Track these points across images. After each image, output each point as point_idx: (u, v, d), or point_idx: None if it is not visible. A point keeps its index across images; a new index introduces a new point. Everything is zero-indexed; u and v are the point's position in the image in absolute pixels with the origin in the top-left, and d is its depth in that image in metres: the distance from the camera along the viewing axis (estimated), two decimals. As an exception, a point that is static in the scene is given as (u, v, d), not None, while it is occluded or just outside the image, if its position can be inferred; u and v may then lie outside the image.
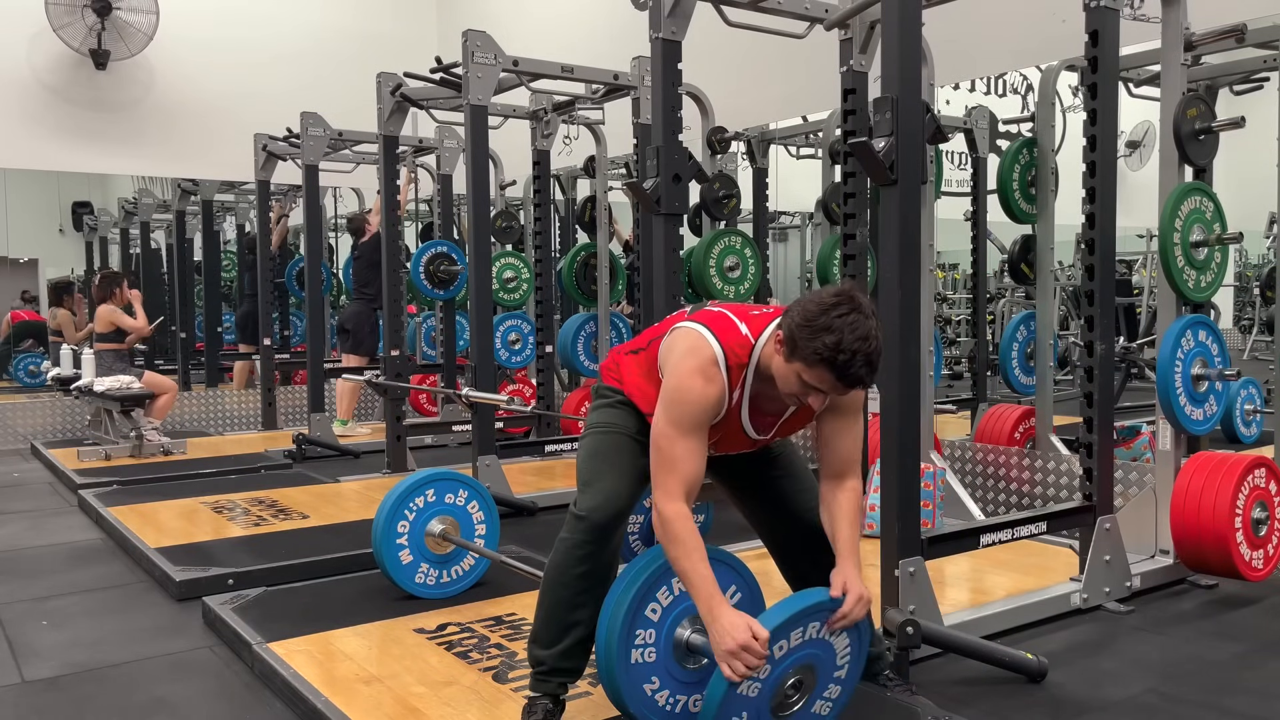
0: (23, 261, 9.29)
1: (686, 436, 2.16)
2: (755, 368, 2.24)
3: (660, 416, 2.19)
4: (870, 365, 2.09)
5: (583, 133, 6.73)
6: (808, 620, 2.17)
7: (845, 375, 2.08)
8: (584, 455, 2.44)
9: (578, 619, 2.34)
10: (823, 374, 2.08)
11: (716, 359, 2.19)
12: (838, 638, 2.23)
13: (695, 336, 2.23)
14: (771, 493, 2.50)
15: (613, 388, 2.49)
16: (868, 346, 2.07)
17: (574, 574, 2.32)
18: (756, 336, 2.23)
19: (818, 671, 2.24)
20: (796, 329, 2.09)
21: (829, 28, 3.98)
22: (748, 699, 2.13)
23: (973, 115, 6.02)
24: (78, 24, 8.03)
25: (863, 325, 2.07)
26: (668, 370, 2.25)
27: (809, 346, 2.07)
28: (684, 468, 2.15)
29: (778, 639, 2.12)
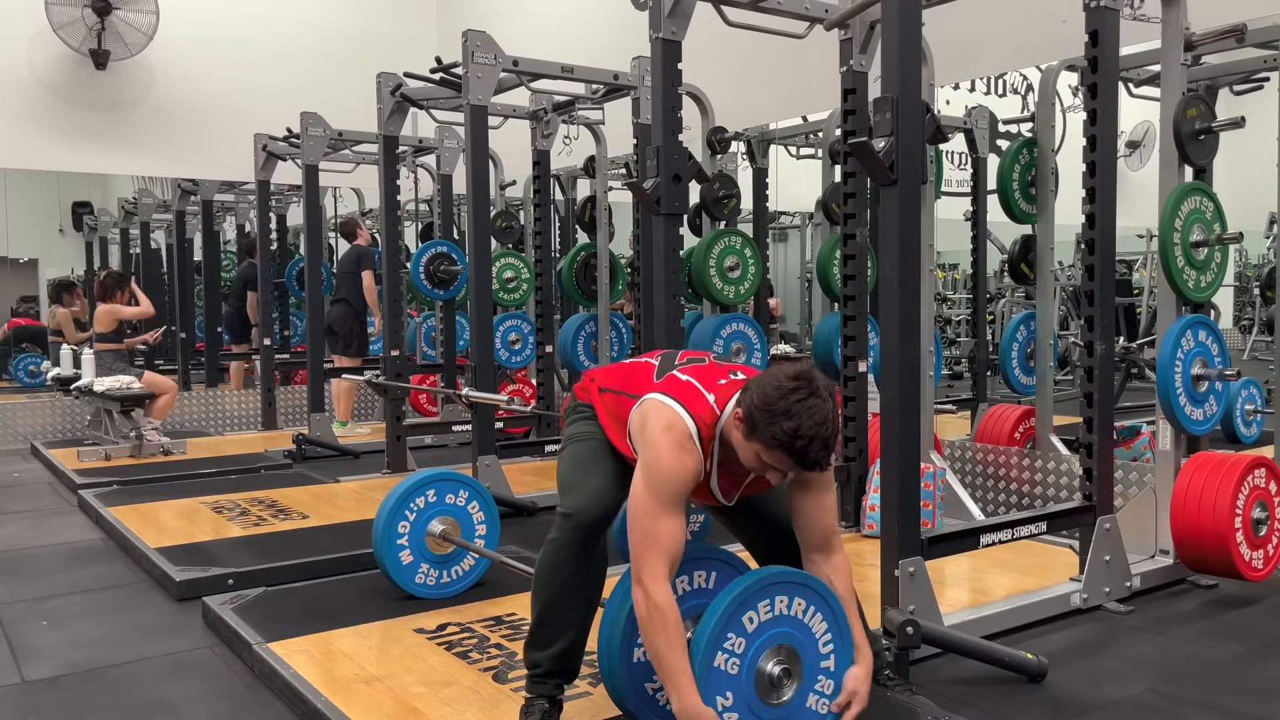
0: (23, 261, 9.29)
1: (668, 511, 2.15)
2: (719, 439, 2.25)
3: (641, 490, 2.18)
4: (827, 448, 2.12)
5: (583, 133, 6.73)
6: (774, 593, 2.17)
7: (803, 460, 2.11)
8: (567, 463, 2.45)
9: (570, 620, 2.34)
10: (781, 457, 2.11)
11: (691, 433, 2.20)
12: (814, 620, 2.23)
13: (669, 412, 2.22)
14: (747, 505, 2.48)
15: (588, 404, 2.51)
16: (824, 431, 2.10)
17: (566, 573, 2.32)
18: (721, 408, 2.24)
19: (802, 657, 2.21)
20: (756, 411, 2.11)
21: (829, 28, 3.98)
22: (730, 675, 2.12)
23: (973, 115, 6.02)
24: (78, 24, 8.02)
25: (820, 410, 2.09)
26: (645, 444, 2.24)
27: (767, 431, 2.10)
28: (668, 544, 2.14)
29: (745, 610, 2.12)
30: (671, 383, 2.32)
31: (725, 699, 2.12)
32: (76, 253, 9.40)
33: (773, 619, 2.17)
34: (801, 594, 2.21)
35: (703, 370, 2.36)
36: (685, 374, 2.34)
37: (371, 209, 9.68)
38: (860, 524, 4.26)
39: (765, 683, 2.16)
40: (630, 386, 2.42)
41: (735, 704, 2.13)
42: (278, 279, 8.48)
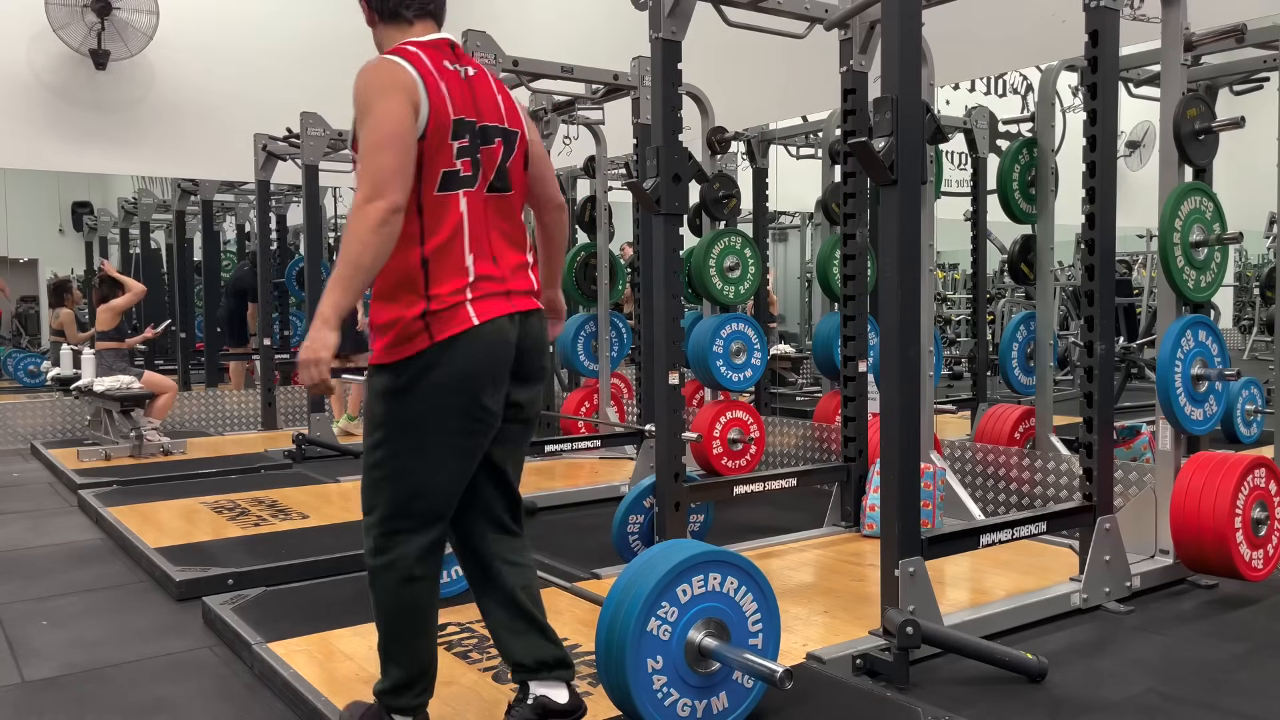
0: (23, 261, 9.29)
1: None
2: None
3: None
4: None
5: (583, 133, 6.73)
6: (709, 570, 2.31)
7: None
8: None
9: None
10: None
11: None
12: (744, 599, 2.36)
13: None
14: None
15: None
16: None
17: None
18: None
19: (731, 632, 2.34)
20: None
21: (829, 28, 3.98)
22: (661, 641, 2.25)
23: (973, 115, 6.02)
24: (78, 24, 8.02)
25: None
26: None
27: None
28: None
29: (680, 583, 2.26)
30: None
31: (655, 662, 2.26)
32: (76, 253, 9.40)
33: (705, 594, 2.32)
34: (734, 574, 2.37)
35: None
36: None
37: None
38: (860, 524, 4.26)
39: (694, 652, 2.30)
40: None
41: (664, 668, 2.27)
42: (278, 279, 8.47)
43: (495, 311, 2.20)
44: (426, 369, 2.15)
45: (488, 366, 2.19)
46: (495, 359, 2.21)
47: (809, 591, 3.49)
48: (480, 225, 2.23)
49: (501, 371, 2.22)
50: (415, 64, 2.17)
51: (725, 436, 5.28)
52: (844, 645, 2.84)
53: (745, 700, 2.39)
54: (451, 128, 2.18)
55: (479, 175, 2.23)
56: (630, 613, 2.23)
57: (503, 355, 2.22)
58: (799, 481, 4.24)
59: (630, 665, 2.22)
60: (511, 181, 2.30)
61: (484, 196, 2.24)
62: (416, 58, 2.19)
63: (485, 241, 2.23)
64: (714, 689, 2.34)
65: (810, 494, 4.69)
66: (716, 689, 2.34)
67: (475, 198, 2.22)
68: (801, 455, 5.81)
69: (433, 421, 2.17)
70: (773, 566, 3.81)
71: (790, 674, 2.23)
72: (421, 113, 2.14)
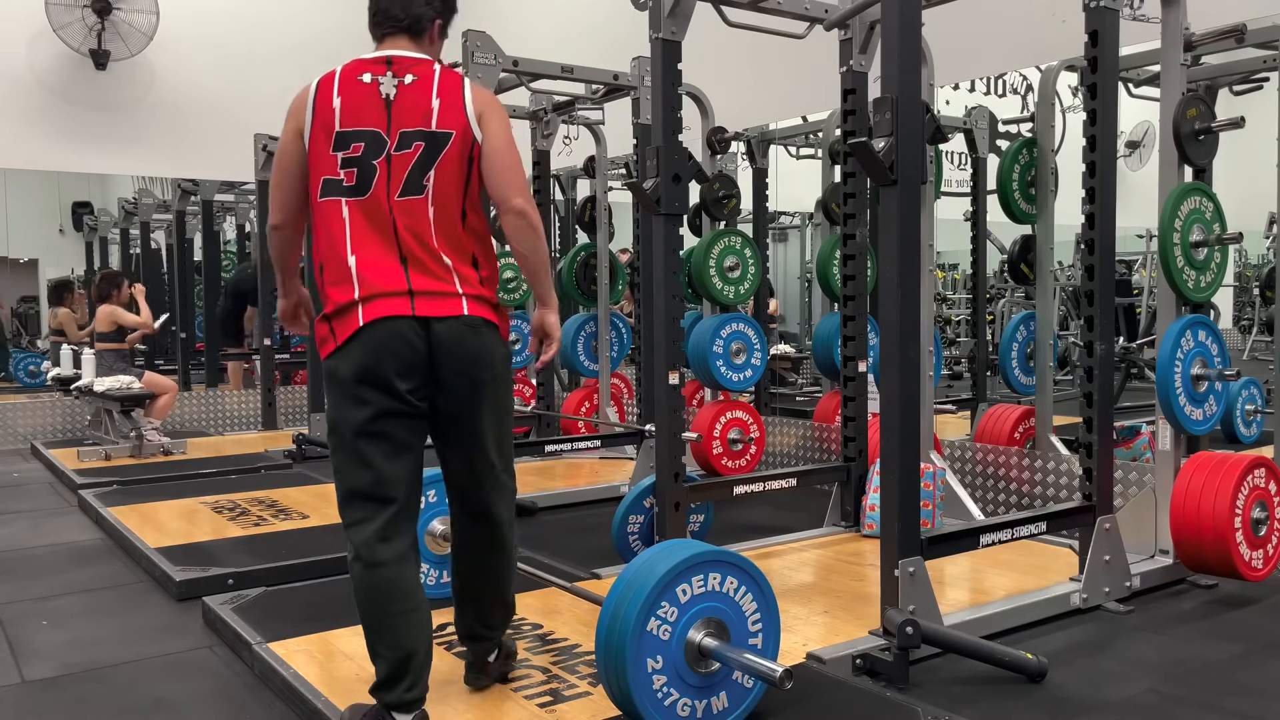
0: (23, 261, 9.29)
1: None
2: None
3: (509, 137, 2.46)
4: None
5: (583, 133, 6.73)
6: (709, 570, 2.31)
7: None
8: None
9: None
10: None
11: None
12: (744, 599, 2.35)
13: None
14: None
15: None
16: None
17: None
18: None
19: (730, 632, 2.33)
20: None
21: (829, 28, 3.98)
22: (660, 641, 2.24)
23: (973, 115, 6.02)
24: (78, 24, 8.02)
25: None
26: (500, 114, 2.46)
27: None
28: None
29: (680, 582, 2.26)
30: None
31: (655, 662, 2.25)
32: (76, 253, 9.40)
33: (705, 593, 2.31)
34: (734, 574, 2.37)
35: None
36: None
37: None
38: (860, 524, 4.26)
39: (694, 652, 2.30)
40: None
41: (664, 668, 2.27)
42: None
43: (385, 312, 2.28)
44: (333, 370, 2.33)
45: (375, 363, 2.28)
46: (383, 357, 2.28)
47: (809, 591, 3.49)
48: (371, 231, 2.32)
49: (394, 368, 2.29)
50: (321, 82, 2.40)
51: (725, 436, 5.28)
52: (844, 645, 2.84)
53: (745, 700, 2.39)
54: (334, 139, 2.33)
55: (371, 183, 2.32)
56: (630, 613, 2.23)
57: (394, 353, 2.28)
58: (799, 481, 4.25)
59: (630, 665, 2.22)
60: (431, 184, 2.34)
61: (385, 203, 2.32)
62: (329, 76, 2.41)
63: (378, 246, 2.31)
64: (714, 689, 2.34)
65: (810, 494, 4.69)
66: (716, 689, 2.35)
67: (364, 204, 2.32)
68: (801, 455, 5.82)
69: (343, 417, 2.33)
70: (773, 566, 3.81)
71: (790, 674, 2.23)
72: (305, 130, 2.36)
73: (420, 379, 2.32)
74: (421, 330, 2.30)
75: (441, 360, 2.32)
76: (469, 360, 2.35)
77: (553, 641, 2.99)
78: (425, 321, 2.30)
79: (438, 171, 2.34)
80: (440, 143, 2.34)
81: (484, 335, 2.38)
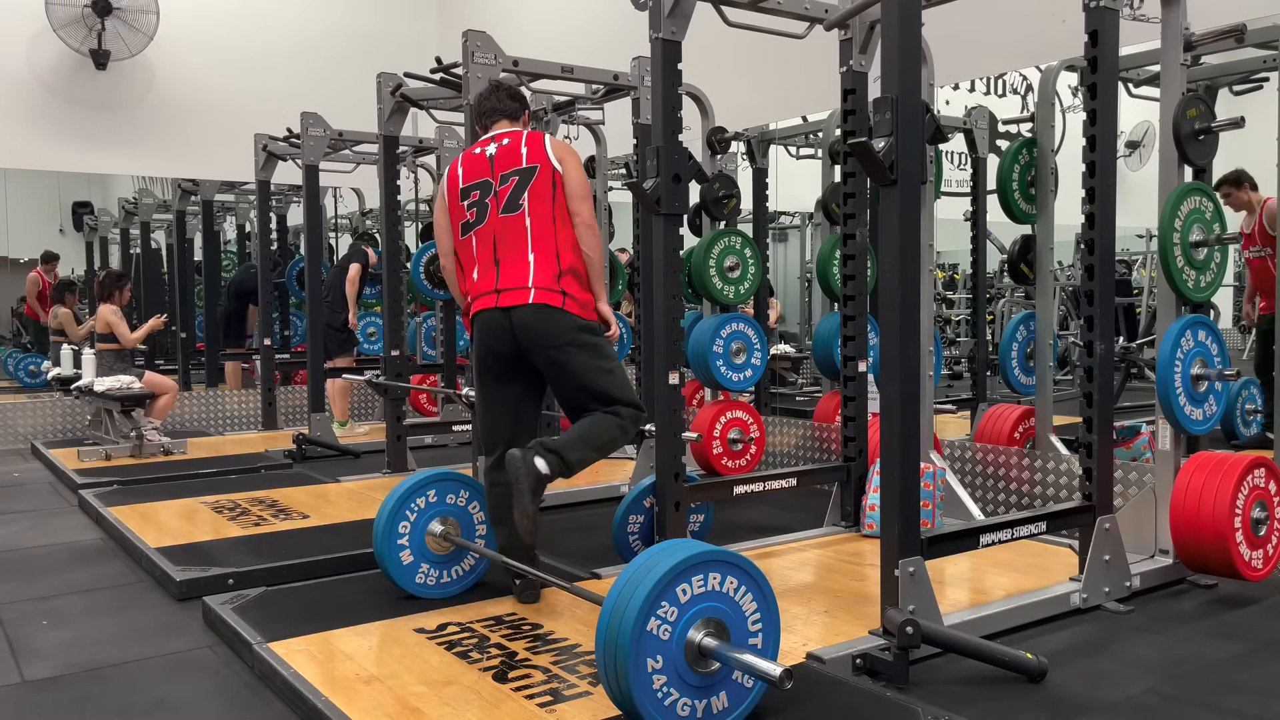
0: (23, 261, 9.29)
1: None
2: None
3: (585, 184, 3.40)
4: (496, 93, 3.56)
5: (583, 133, 6.73)
6: (708, 570, 2.31)
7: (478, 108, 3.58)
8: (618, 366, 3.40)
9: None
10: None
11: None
12: (744, 599, 2.36)
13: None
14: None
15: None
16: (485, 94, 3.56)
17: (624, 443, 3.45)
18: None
19: (730, 632, 2.33)
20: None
21: (829, 28, 3.98)
22: (660, 640, 2.24)
23: (973, 115, 6.02)
24: (78, 24, 8.03)
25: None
26: (574, 159, 3.42)
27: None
28: None
29: (680, 582, 2.26)
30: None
31: (655, 661, 2.26)
32: (76, 253, 9.40)
33: (705, 593, 2.31)
34: (734, 574, 2.36)
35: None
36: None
37: (371, 209, 9.68)
38: (860, 524, 4.26)
39: (694, 651, 2.29)
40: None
41: (664, 668, 2.27)
42: (278, 279, 8.47)
43: (483, 306, 3.33)
44: (472, 350, 3.48)
45: (481, 342, 3.35)
46: (485, 337, 3.33)
47: (809, 591, 3.50)
48: (483, 250, 3.34)
49: (494, 346, 3.31)
50: (451, 165, 3.47)
51: (725, 436, 5.28)
52: (844, 645, 2.84)
53: (745, 700, 2.40)
54: (460, 194, 3.39)
55: (486, 215, 3.33)
56: (630, 613, 2.23)
57: (493, 333, 3.30)
58: (799, 481, 4.25)
59: (630, 665, 2.22)
60: (525, 202, 3.30)
61: (492, 226, 3.32)
62: (455, 162, 3.46)
63: (484, 260, 3.34)
64: (714, 689, 2.34)
65: (810, 494, 4.69)
66: (716, 689, 2.35)
67: (480, 232, 3.34)
68: (801, 455, 5.82)
69: (476, 381, 3.49)
70: (773, 566, 3.81)
71: (790, 674, 2.23)
72: (445, 196, 3.45)
73: (509, 351, 3.29)
74: (505, 318, 3.26)
75: (520, 336, 3.26)
76: (537, 332, 3.25)
77: (553, 641, 2.99)
78: (507, 310, 3.26)
79: (530, 193, 3.29)
80: (530, 173, 3.30)
81: (548, 315, 3.24)
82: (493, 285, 3.29)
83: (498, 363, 3.33)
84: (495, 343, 3.29)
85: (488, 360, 3.34)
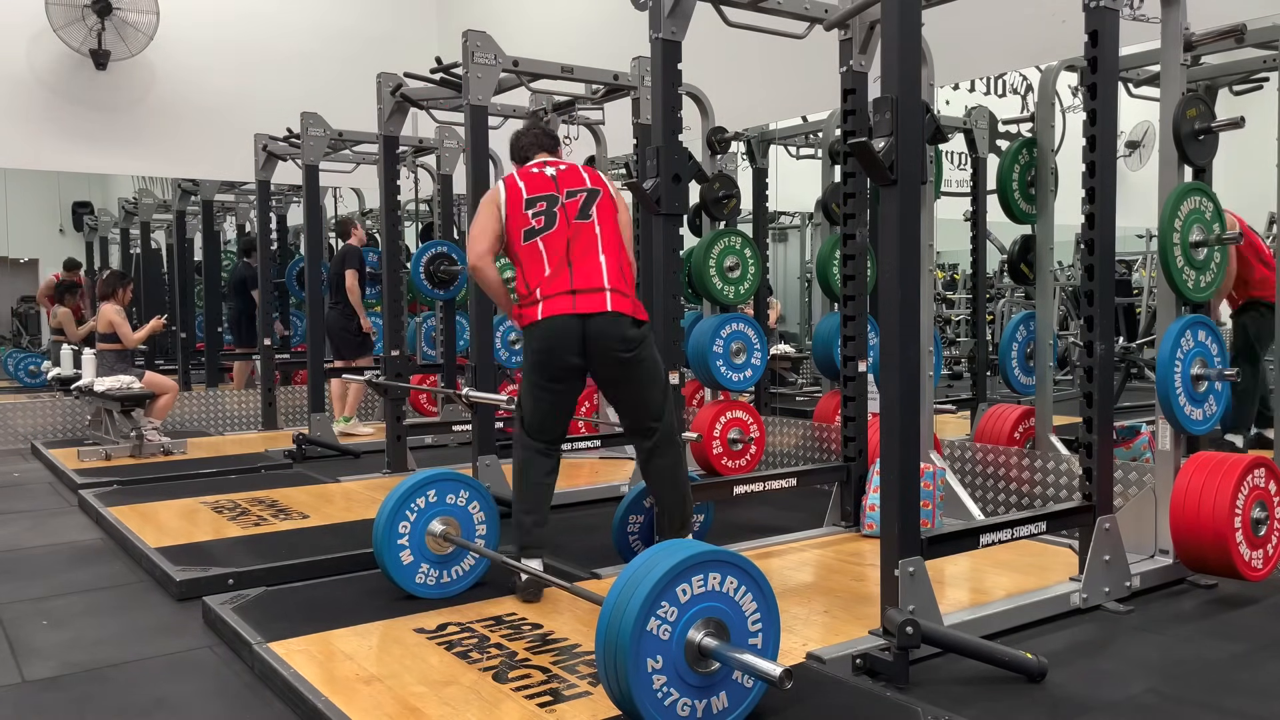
0: (23, 261, 9.29)
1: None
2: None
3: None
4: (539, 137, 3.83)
5: (583, 133, 6.73)
6: (708, 570, 2.31)
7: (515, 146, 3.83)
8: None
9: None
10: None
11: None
12: (744, 599, 2.35)
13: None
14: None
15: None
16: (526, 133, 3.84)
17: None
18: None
19: (730, 632, 2.32)
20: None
21: (829, 28, 3.98)
22: (660, 640, 2.24)
23: (973, 115, 6.02)
24: (78, 24, 8.03)
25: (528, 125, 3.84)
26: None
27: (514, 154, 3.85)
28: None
29: (679, 582, 2.25)
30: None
31: (655, 661, 2.25)
32: (76, 253, 9.40)
33: (705, 593, 2.31)
34: (734, 574, 2.36)
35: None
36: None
37: (371, 209, 9.69)
38: (860, 524, 4.26)
39: (694, 651, 2.29)
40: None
41: (664, 668, 2.26)
42: (278, 279, 8.47)
43: (556, 310, 3.38)
44: (526, 345, 3.53)
45: (547, 343, 3.40)
46: (553, 339, 3.39)
47: (809, 591, 3.50)
48: (554, 253, 3.46)
49: (561, 348, 3.39)
50: (506, 179, 3.64)
51: (725, 436, 5.28)
52: (844, 645, 2.84)
53: (745, 700, 2.39)
54: (525, 203, 3.53)
55: (554, 222, 3.49)
56: (630, 613, 2.23)
57: (563, 336, 3.38)
58: (799, 481, 4.25)
59: (630, 665, 2.22)
60: (595, 214, 3.52)
61: (564, 231, 3.48)
62: (510, 176, 3.65)
63: (555, 261, 3.45)
64: (714, 689, 2.34)
65: (810, 494, 4.69)
66: (716, 689, 2.35)
67: (551, 237, 3.47)
68: (801, 455, 5.82)
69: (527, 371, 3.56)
70: (773, 566, 3.81)
71: (790, 674, 2.23)
72: (501, 203, 3.56)
73: (575, 356, 3.40)
74: (579, 323, 3.36)
75: (589, 342, 3.37)
76: (607, 338, 3.37)
77: (553, 641, 2.99)
78: (583, 317, 3.36)
79: (598, 208, 3.52)
80: (595, 193, 3.55)
81: (623, 323, 3.38)
82: (567, 285, 3.38)
83: (563, 366, 3.42)
84: (563, 345, 3.37)
85: (551, 361, 3.42)
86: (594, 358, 3.39)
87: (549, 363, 3.42)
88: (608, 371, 3.43)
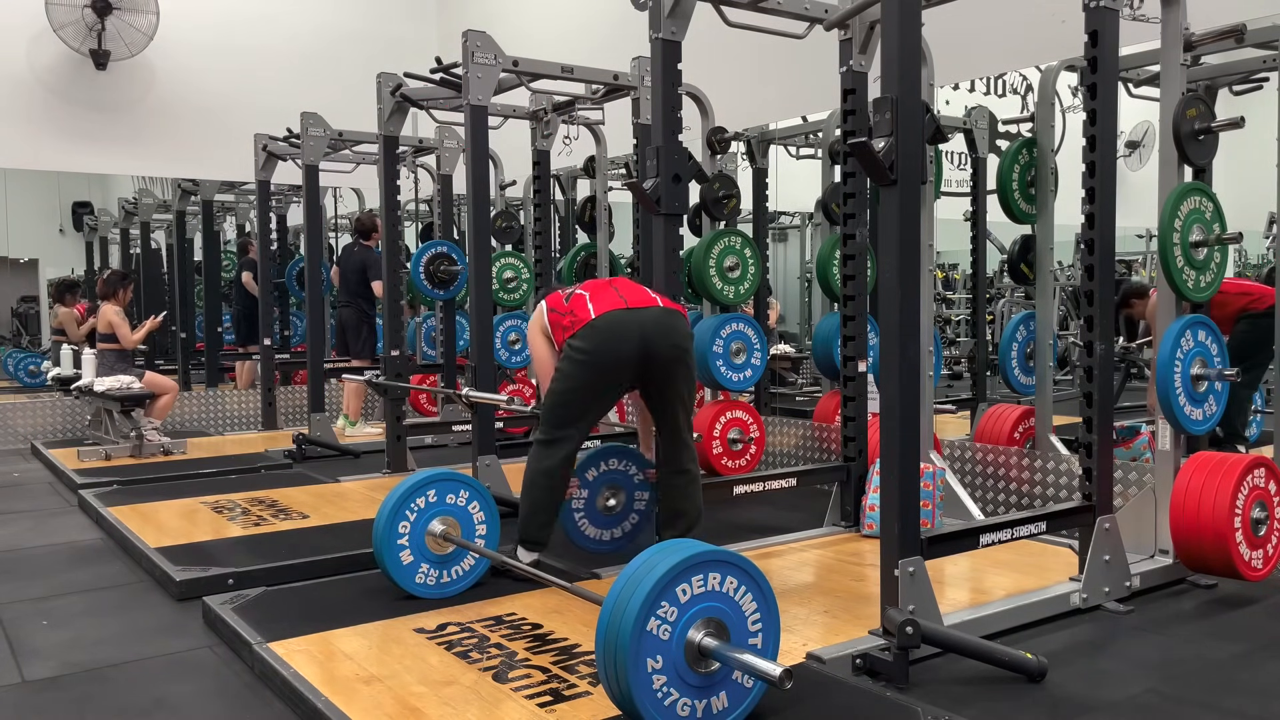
0: (23, 261, 9.29)
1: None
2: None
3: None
4: None
5: (583, 133, 6.74)
6: (708, 570, 2.31)
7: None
8: None
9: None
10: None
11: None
12: (744, 599, 2.35)
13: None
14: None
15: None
16: None
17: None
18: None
19: (730, 632, 2.33)
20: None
21: (829, 28, 3.98)
22: (660, 641, 2.24)
23: (972, 115, 6.02)
24: (78, 24, 8.03)
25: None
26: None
27: None
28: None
29: (679, 582, 2.26)
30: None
31: (655, 662, 2.25)
32: (76, 253, 9.41)
33: (705, 593, 2.31)
34: (734, 574, 2.36)
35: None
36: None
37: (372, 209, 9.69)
38: (860, 524, 4.26)
39: (694, 651, 2.29)
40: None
41: (664, 668, 2.26)
42: (278, 279, 8.47)
43: (609, 307, 3.45)
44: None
45: (599, 341, 3.43)
46: (606, 335, 3.44)
47: (809, 591, 3.50)
48: (600, 296, 3.52)
49: (615, 346, 3.42)
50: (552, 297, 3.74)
51: (725, 436, 5.28)
52: (844, 645, 2.84)
53: (745, 700, 2.40)
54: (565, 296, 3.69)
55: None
56: (630, 613, 2.23)
57: (617, 332, 3.43)
58: (799, 481, 4.25)
59: (630, 665, 2.22)
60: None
61: (611, 282, 3.63)
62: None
63: (602, 297, 3.51)
64: (714, 689, 2.34)
65: (810, 494, 4.69)
66: (716, 689, 2.35)
67: (598, 286, 3.61)
68: (801, 455, 5.82)
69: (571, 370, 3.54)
70: (773, 566, 3.81)
71: (790, 674, 2.23)
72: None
73: (633, 350, 3.44)
74: (634, 317, 3.43)
75: (652, 332, 3.42)
76: (672, 330, 3.47)
77: (553, 641, 2.99)
78: (637, 311, 3.44)
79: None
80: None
81: (678, 319, 3.49)
82: (620, 303, 3.45)
83: (617, 360, 3.42)
84: (617, 341, 3.40)
85: (606, 357, 3.41)
86: (652, 355, 3.41)
87: (602, 359, 3.41)
88: (664, 370, 3.46)
